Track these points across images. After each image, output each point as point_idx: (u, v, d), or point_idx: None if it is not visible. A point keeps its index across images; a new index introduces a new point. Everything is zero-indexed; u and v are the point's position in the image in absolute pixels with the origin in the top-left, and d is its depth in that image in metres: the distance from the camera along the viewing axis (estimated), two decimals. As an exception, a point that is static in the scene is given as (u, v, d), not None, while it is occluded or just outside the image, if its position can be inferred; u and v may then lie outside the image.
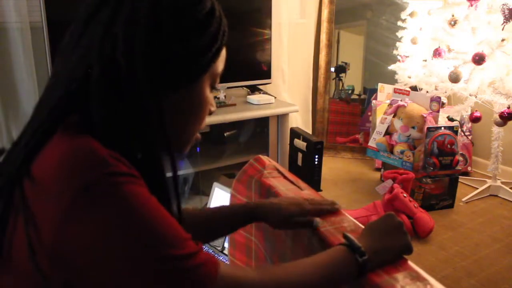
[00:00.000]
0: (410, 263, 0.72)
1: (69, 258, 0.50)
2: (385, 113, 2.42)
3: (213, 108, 0.69)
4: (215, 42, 0.63)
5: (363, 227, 0.79)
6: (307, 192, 0.95)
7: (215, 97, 2.15)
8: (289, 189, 0.94)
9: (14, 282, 0.55)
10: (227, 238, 1.65)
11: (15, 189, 0.55)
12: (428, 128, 2.19)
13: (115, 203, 0.51)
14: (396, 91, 2.46)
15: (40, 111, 0.61)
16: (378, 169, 2.72)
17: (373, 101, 2.70)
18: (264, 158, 1.06)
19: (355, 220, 0.84)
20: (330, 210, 0.87)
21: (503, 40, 1.95)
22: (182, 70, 0.61)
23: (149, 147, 0.59)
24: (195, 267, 0.53)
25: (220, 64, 0.67)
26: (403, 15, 2.56)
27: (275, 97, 2.34)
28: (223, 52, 0.66)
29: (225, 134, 2.37)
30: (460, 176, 2.32)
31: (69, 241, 0.50)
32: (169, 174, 0.61)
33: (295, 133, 2.44)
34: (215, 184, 1.84)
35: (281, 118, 2.22)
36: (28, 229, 0.52)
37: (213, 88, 0.68)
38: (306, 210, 0.85)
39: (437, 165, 2.18)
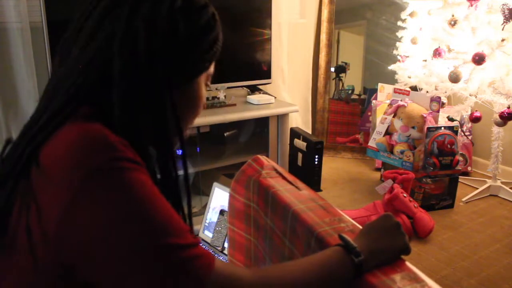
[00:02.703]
0: (408, 264, 0.71)
1: (73, 239, 0.52)
2: (385, 113, 2.42)
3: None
4: (216, 42, 0.70)
5: (361, 227, 0.79)
6: (305, 193, 0.94)
7: (215, 97, 2.15)
8: (287, 189, 0.94)
9: (15, 270, 0.57)
10: (226, 238, 1.66)
11: (21, 178, 0.57)
12: (428, 128, 2.19)
13: (120, 188, 0.53)
14: (396, 91, 2.45)
15: (50, 100, 0.63)
16: (378, 169, 2.72)
17: (373, 101, 2.70)
18: (263, 158, 1.06)
19: (353, 221, 0.84)
20: None
21: (503, 40, 1.94)
22: (191, 67, 0.67)
23: (163, 134, 0.63)
24: (192, 258, 0.54)
25: (213, 65, 0.73)
26: (403, 15, 2.56)
27: (275, 97, 2.34)
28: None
29: (225, 134, 2.37)
30: (460, 176, 2.32)
31: (75, 223, 0.52)
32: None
33: (295, 133, 2.44)
34: (215, 184, 1.84)
35: (281, 118, 2.22)
36: (28, 214, 0.54)
37: (207, 85, 0.74)
38: None
39: (437, 165, 2.17)
